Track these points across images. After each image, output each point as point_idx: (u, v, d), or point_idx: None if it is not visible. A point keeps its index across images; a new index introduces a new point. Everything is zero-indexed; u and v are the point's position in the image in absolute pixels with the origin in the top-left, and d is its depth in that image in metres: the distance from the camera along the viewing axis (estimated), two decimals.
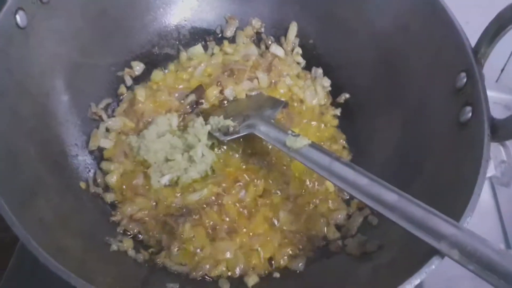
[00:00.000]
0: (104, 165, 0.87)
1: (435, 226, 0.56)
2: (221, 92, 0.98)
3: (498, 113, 0.67)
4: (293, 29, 1.06)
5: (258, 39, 1.08)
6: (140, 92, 0.95)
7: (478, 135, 0.65)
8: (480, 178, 0.61)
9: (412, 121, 0.82)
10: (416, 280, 0.54)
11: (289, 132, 0.80)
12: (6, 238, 0.94)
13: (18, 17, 0.72)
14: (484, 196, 0.71)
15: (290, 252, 0.79)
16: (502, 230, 1.01)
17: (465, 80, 0.71)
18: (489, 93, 0.68)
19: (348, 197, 0.87)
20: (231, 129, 0.88)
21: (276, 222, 0.82)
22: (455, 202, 0.61)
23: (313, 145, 0.75)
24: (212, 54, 1.06)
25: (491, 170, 0.97)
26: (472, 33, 0.72)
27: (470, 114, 0.68)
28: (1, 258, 0.91)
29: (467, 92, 0.70)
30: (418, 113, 0.81)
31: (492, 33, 0.67)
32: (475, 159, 0.63)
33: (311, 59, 1.05)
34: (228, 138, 0.88)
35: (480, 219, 0.60)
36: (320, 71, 1.04)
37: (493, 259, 0.51)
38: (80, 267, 0.56)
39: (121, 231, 0.79)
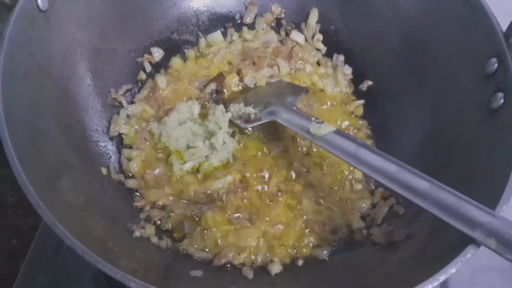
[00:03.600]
0: (125, 152, 0.87)
1: (469, 214, 0.55)
2: (241, 79, 0.97)
3: None
4: (314, 15, 1.04)
5: (278, 26, 1.06)
6: (161, 80, 0.95)
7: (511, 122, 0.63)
8: None
9: (440, 108, 0.80)
10: (452, 269, 0.53)
11: (313, 118, 0.78)
12: (23, 226, 0.96)
13: (39, 0, 0.71)
14: None
15: (314, 241, 0.78)
16: None
17: (496, 65, 0.69)
18: None
19: (373, 188, 0.85)
20: (252, 116, 0.87)
21: (298, 209, 0.81)
22: (489, 190, 0.60)
23: (338, 132, 0.74)
24: (231, 41, 1.04)
25: None
26: (504, 17, 0.70)
27: (502, 101, 0.66)
28: (19, 245, 0.92)
29: (498, 78, 0.68)
30: (446, 100, 0.79)
31: None
32: (509, 146, 0.61)
33: (333, 46, 1.03)
34: (250, 126, 0.87)
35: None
36: (341, 58, 1.02)
37: None
38: (104, 251, 0.56)
39: (143, 217, 0.79)
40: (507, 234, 0.51)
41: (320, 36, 1.04)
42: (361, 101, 0.97)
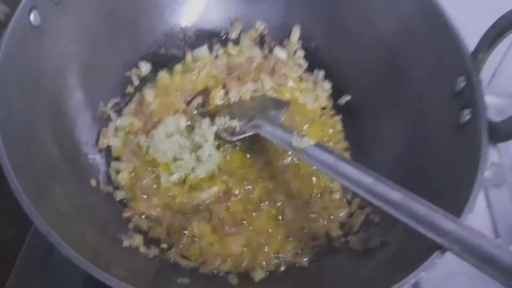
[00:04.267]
0: (114, 164, 0.89)
1: (438, 223, 0.59)
2: (226, 93, 1.00)
3: (491, 116, 0.69)
4: (296, 32, 1.08)
5: (261, 42, 1.10)
6: (149, 93, 0.97)
7: (477, 136, 0.67)
8: (479, 177, 0.63)
9: (413, 123, 0.85)
10: (420, 273, 0.56)
11: (295, 132, 0.82)
12: (9, 233, 0.96)
13: (32, 16, 0.73)
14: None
15: (295, 248, 0.82)
16: (494, 231, 1.03)
17: (463, 84, 0.73)
18: None
19: (351, 197, 0.89)
20: (237, 129, 0.90)
21: (280, 218, 0.84)
22: (455, 200, 0.64)
23: (318, 145, 0.77)
24: (217, 56, 1.07)
25: None
26: (471, 38, 0.75)
27: (468, 117, 0.71)
28: (5, 254, 0.92)
29: (465, 95, 0.73)
30: (419, 115, 0.84)
31: (491, 39, 0.70)
32: (474, 160, 0.65)
33: (314, 62, 1.07)
34: (235, 138, 0.90)
35: (473, 220, 0.62)
36: (322, 73, 1.06)
37: (493, 253, 0.54)
38: (96, 259, 0.58)
39: (132, 228, 0.81)
40: (470, 241, 0.56)
41: (301, 53, 1.08)
42: (339, 116, 1.01)
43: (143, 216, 0.83)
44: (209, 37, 1.09)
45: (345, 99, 1.02)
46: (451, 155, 0.73)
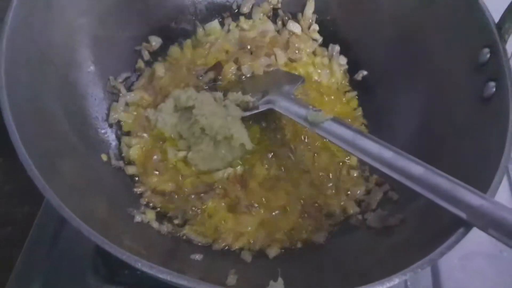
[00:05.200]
0: (125, 139, 0.87)
1: (462, 197, 0.57)
2: (238, 68, 0.98)
3: None
4: (310, 5, 1.05)
5: (274, 16, 1.07)
6: (160, 68, 0.96)
7: (503, 109, 0.65)
8: (506, 151, 0.61)
9: (434, 97, 0.82)
10: (445, 250, 0.54)
11: (310, 107, 0.79)
12: (18, 214, 0.96)
13: None
14: None
15: (311, 225, 0.80)
16: None
17: (488, 55, 0.71)
18: None
19: (368, 174, 0.87)
20: (250, 104, 0.88)
21: (296, 195, 0.83)
22: (481, 175, 0.62)
23: (335, 119, 0.75)
24: (229, 30, 1.05)
25: None
26: (496, 8, 0.72)
27: (493, 89, 0.68)
28: (15, 233, 0.93)
29: (490, 67, 0.70)
30: (440, 89, 0.81)
31: None
32: (501, 133, 0.63)
33: (328, 36, 1.04)
34: (247, 114, 0.88)
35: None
36: (337, 48, 1.03)
37: None
38: (108, 233, 0.56)
39: (144, 203, 0.80)
40: (498, 216, 0.53)
41: (316, 27, 1.05)
42: (354, 93, 0.98)
43: (156, 192, 0.82)
44: (221, 11, 1.06)
45: (361, 74, 0.99)
46: (475, 129, 0.70)
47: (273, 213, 0.80)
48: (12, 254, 0.85)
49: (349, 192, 0.85)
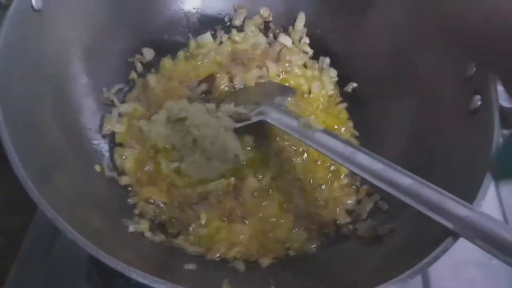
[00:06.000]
0: (118, 150, 0.88)
1: (450, 208, 0.58)
2: (231, 80, 0.99)
3: (502, 101, 0.67)
4: (301, 18, 1.07)
5: (266, 29, 1.09)
6: (152, 79, 0.97)
7: (488, 121, 0.66)
8: (492, 163, 0.63)
9: (423, 109, 0.84)
10: (433, 260, 0.55)
11: (301, 118, 0.80)
12: (11, 225, 0.96)
13: (33, 0, 0.72)
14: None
15: (303, 235, 0.81)
16: (503, 217, 1.02)
17: (474, 69, 0.72)
18: None
19: (358, 185, 0.88)
20: (243, 116, 0.89)
21: (288, 205, 0.84)
22: (467, 187, 0.63)
23: (325, 131, 0.76)
24: (221, 42, 1.07)
25: None
26: None
27: (479, 102, 0.70)
28: (8, 245, 0.92)
29: (476, 81, 0.72)
30: (429, 101, 0.83)
31: None
32: (486, 145, 0.64)
33: (319, 49, 1.06)
34: (240, 125, 0.88)
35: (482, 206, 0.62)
36: (327, 60, 1.05)
37: (507, 238, 0.53)
38: (102, 244, 0.57)
39: (137, 213, 0.80)
40: (483, 226, 0.55)
41: (307, 40, 1.07)
42: (344, 105, 1.00)
43: (149, 202, 0.82)
44: (213, 23, 1.08)
45: (351, 86, 1.01)
46: (462, 141, 0.72)
47: (266, 223, 0.81)
48: (6, 264, 0.84)
49: (340, 203, 0.86)
